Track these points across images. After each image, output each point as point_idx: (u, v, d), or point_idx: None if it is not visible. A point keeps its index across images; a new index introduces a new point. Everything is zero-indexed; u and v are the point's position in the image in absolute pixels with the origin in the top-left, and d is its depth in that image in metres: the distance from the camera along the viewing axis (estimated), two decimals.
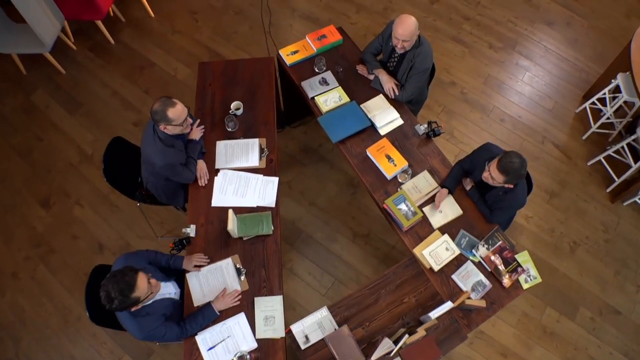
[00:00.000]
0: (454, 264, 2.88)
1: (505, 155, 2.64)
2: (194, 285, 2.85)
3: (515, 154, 2.63)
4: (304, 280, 3.73)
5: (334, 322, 2.77)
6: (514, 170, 2.60)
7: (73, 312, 3.63)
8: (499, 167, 2.63)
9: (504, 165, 2.61)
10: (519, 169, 2.60)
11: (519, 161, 2.60)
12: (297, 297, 3.67)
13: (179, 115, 2.72)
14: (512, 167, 2.59)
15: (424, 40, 3.20)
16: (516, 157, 2.62)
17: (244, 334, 2.75)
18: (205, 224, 3.00)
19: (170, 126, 2.74)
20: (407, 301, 2.84)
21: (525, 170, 2.65)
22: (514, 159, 2.61)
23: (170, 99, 2.71)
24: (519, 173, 2.62)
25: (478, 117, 4.44)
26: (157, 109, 2.68)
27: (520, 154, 2.65)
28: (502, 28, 4.93)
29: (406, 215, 2.94)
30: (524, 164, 2.62)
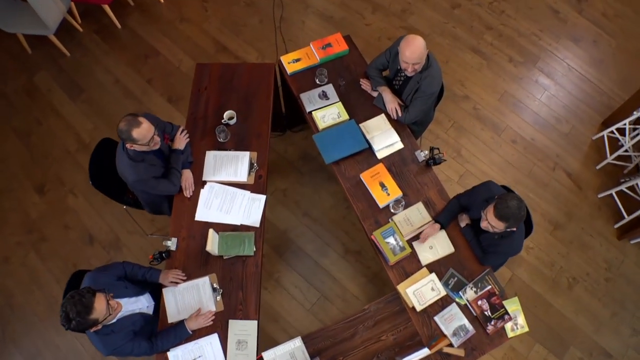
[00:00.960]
0: (439, 304, 2.71)
1: (499, 200, 2.42)
2: (170, 301, 2.76)
3: (510, 197, 2.41)
4: (289, 293, 3.62)
5: (306, 354, 2.66)
6: (512, 215, 2.38)
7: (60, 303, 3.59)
8: (497, 214, 2.41)
9: (501, 211, 2.40)
10: (517, 212, 2.38)
11: (516, 204, 2.38)
12: (281, 310, 3.57)
13: (144, 135, 2.56)
14: (510, 212, 2.37)
15: (433, 61, 2.94)
16: (512, 200, 2.39)
17: (215, 356, 2.66)
18: (187, 238, 2.88)
19: (137, 145, 2.60)
20: (385, 339, 2.70)
21: (525, 211, 2.42)
22: (510, 203, 2.38)
23: (136, 118, 2.55)
24: (518, 216, 2.40)
25: (489, 136, 4.17)
26: (122, 129, 2.54)
27: (516, 196, 2.43)
28: (525, 41, 4.57)
29: (393, 250, 2.77)
30: (521, 205, 2.39)
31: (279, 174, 4.00)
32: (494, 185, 2.73)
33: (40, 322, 3.54)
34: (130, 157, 2.70)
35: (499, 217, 2.40)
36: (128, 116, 2.60)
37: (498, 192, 2.66)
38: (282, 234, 3.79)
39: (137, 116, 2.60)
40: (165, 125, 2.97)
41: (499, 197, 2.45)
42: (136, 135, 2.56)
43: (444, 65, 4.41)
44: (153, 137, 2.63)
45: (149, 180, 2.79)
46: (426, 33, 4.55)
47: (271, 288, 3.62)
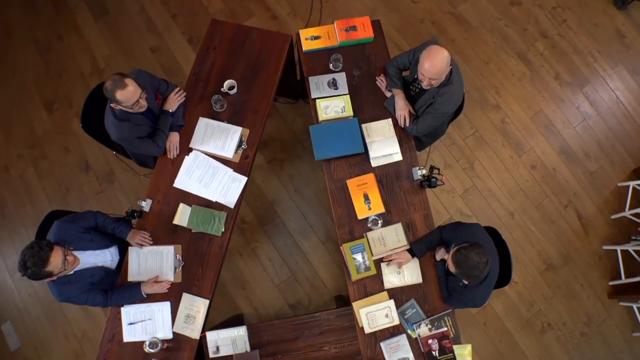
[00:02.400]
0: (389, 331, 2.58)
1: (465, 247, 2.18)
2: (133, 261, 2.73)
3: (478, 252, 2.16)
4: (262, 264, 3.56)
5: (247, 344, 2.62)
6: (465, 268, 2.16)
7: None
8: (453, 258, 2.20)
9: (458, 258, 2.17)
10: (472, 269, 2.15)
11: (476, 261, 2.13)
12: (250, 279, 3.53)
13: (127, 98, 2.41)
14: (465, 263, 2.15)
15: (456, 79, 2.56)
16: (477, 256, 2.14)
17: (163, 322, 2.66)
18: (162, 203, 2.78)
19: (120, 106, 2.43)
20: (327, 350, 2.62)
21: (483, 273, 2.18)
22: (473, 257, 2.14)
23: (122, 79, 2.38)
24: (470, 274, 2.17)
25: (508, 155, 3.78)
26: (107, 88, 2.39)
27: (485, 254, 2.17)
28: (579, 60, 3.99)
29: (358, 268, 2.60)
30: (480, 266, 2.14)
31: (281, 142, 3.79)
32: (478, 231, 2.45)
33: (27, 237, 3.63)
34: (116, 115, 2.56)
35: (454, 261, 2.20)
36: (115, 75, 2.43)
37: (479, 238, 2.39)
38: (268, 205, 3.66)
39: (125, 77, 2.42)
40: (159, 83, 2.77)
41: (471, 244, 2.21)
42: (120, 97, 2.41)
43: (483, 66, 3.93)
44: (138, 100, 2.47)
45: (132, 140, 2.66)
46: (474, 25, 4.02)
47: (246, 255, 3.56)
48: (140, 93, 2.48)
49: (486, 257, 2.18)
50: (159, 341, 2.60)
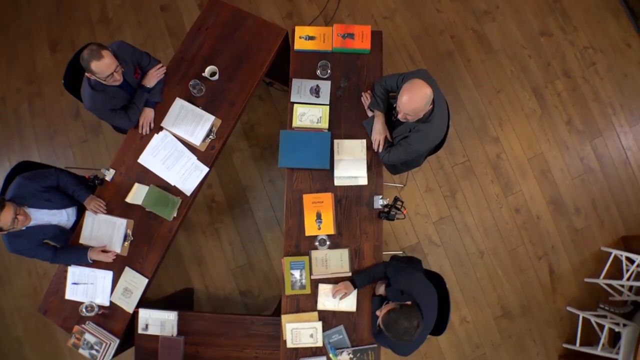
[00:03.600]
0: (312, 350, 2.59)
1: (396, 310, 2.11)
2: (87, 225, 2.78)
3: (409, 316, 2.09)
4: (222, 246, 3.58)
5: (175, 329, 2.67)
6: (395, 332, 2.10)
7: (33, 158, 3.74)
8: (384, 318, 2.14)
9: (388, 320, 2.11)
10: (401, 334, 2.09)
11: (406, 327, 2.07)
12: (208, 258, 3.57)
13: (102, 70, 2.37)
14: (395, 328, 2.09)
15: (436, 118, 2.40)
16: (407, 321, 2.08)
17: (103, 290, 2.75)
18: (123, 176, 2.79)
19: (95, 77, 2.39)
20: (248, 352, 2.66)
21: (413, 337, 2.11)
22: (402, 322, 2.08)
23: (100, 50, 2.34)
24: (399, 338, 2.11)
25: (494, 193, 3.60)
26: (83, 57, 2.37)
27: (416, 317, 2.10)
28: (597, 109, 3.68)
29: (293, 284, 2.58)
30: (410, 331, 2.08)
31: (266, 129, 3.71)
32: (419, 282, 2.34)
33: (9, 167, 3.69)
34: (91, 85, 2.53)
35: (384, 323, 2.14)
36: (93, 45, 2.39)
37: (419, 290, 2.29)
38: (241, 190, 3.63)
39: (102, 48, 2.38)
40: (142, 57, 2.70)
41: (401, 307, 2.14)
42: (94, 67, 2.37)
43: (493, 93, 3.69)
44: (112, 74, 2.43)
45: (104, 111, 2.65)
46: (495, 48, 3.73)
47: (208, 234, 3.59)
48: (116, 66, 2.43)
49: (417, 320, 2.11)
50: (95, 306, 2.70)
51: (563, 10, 3.78)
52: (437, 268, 3.51)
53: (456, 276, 3.52)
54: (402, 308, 2.15)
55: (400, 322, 2.09)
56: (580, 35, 3.77)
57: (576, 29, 3.77)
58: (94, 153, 3.70)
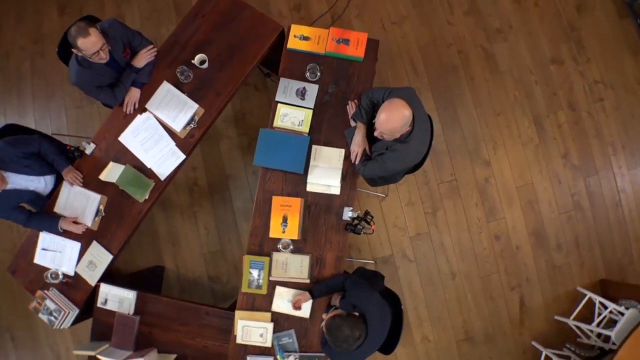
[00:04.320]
0: (259, 349, 2.63)
1: (342, 316, 2.14)
2: (64, 194, 2.84)
3: (353, 326, 2.12)
4: (197, 230, 3.62)
5: (132, 308, 2.73)
6: (334, 337, 2.13)
7: (28, 116, 3.81)
8: (327, 322, 2.17)
9: (331, 325, 2.14)
10: (340, 340, 2.12)
11: (346, 335, 2.10)
12: (182, 239, 3.61)
13: (87, 48, 2.39)
14: (336, 333, 2.12)
15: (414, 139, 2.36)
16: (349, 329, 2.11)
17: (70, 259, 2.82)
18: (103, 152, 2.83)
19: (81, 53, 2.41)
20: (198, 342, 2.72)
21: (351, 347, 2.13)
22: (344, 329, 2.11)
23: (87, 27, 2.36)
24: (338, 344, 2.14)
25: (476, 216, 3.56)
26: (70, 33, 2.39)
27: (360, 329, 2.12)
28: (598, 146, 3.57)
29: (250, 282, 2.62)
30: (350, 340, 2.10)
31: (258, 121, 3.69)
32: (374, 302, 2.32)
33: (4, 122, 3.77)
34: (78, 61, 2.55)
35: (327, 327, 2.17)
36: (81, 22, 2.42)
37: (368, 314, 2.29)
38: (224, 177, 3.65)
39: (90, 26, 2.39)
40: (133, 36, 2.70)
41: (348, 314, 2.15)
42: (80, 44, 2.40)
43: (492, 115, 3.61)
44: (98, 52, 2.44)
45: (90, 88, 2.68)
46: (501, 69, 3.63)
47: (186, 216, 3.62)
48: (102, 45, 2.44)
49: (359, 332, 2.14)
50: (60, 274, 2.78)
51: (579, 39, 3.65)
52: (406, 283, 3.50)
53: (424, 294, 3.51)
54: (348, 316, 2.17)
55: (343, 329, 2.11)
56: (593, 68, 3.64)
57: (589, 61, 3.64)
58: (86, 121, 3.75)
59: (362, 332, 2.16)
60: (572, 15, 3.69)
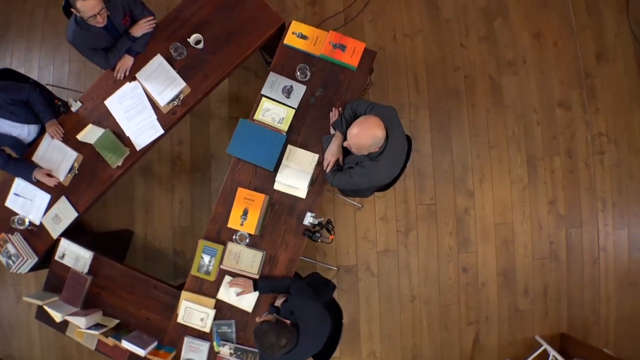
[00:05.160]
0: (198, 332, 2.71)
1: (271, 324, 2.18)
2: (43, 146, 2.94)
3: (281, 335, 2.16)
4: (172, 203, 3.70)
5: (86, 267, 2.83)
6: (259, 342, 2.18)
7: (33, 61, 3.91)
8: (257, 326, 2.22)
9: (258, 329, 2.19)
10: (264, 347, 2.16)
11: (271, 342, 2.13)
12: (156, 208, 3.69)
13: (86, 10, 2.45)
14: (261, 338, 2.16)
15: (384, 160, 2.37)
16: (275, 337, 2.15)
17: (38, 209, 2.92)
18: (87, 112, 2.92)
19: (79, 15, 2.47)
20: (142, 313, 2.81)
21: (275, 354, 2.18)
22: (271, 337, 2.15)
23: None
24: (262, 348, 2.19)
25: (448, 245, 3.56)
26: None
27: (288, 340, 2.17)
28: (588, 199, 3.52)
29: (200, 267, 2.69)
30: (274, 348, 2.14)
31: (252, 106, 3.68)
32: (312, 314, 2.34)
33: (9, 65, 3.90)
34: (77, 21, 2.61)
35: (254, 331, 2.23)
36: None
37: (304, 323, 2.33)
38: (207, 157, 3.70)
39: None
40: (135, 5, 2.75)
41: (277, 323, 2.20)
42: (79, 6, 2.46)
43: (485, 147, 3.58)
44: (96, 15, 2.49)
45: (84, 49, 2.75)
46: (505, 103, 3.59)
47: (164, 187, 3.70)
48: (100, 9, 2.49)
49: (285, 340, 2.17)
50: (27, 221, 2.89)
51: (592, 87, 3.57)
52: (365, 296, 3.54)
53: (380, 310, 3.54)
54: (277, 323, 2.21)
55: (269, 335, 2.16)
56: (600, 120, 3.57)
57: (598, 112, 3.56)
58: (87, 76, 3.83)
59: (290, 340, 2.20)
60: (590, 62, 3.61)
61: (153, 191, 3.70)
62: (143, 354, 2.59)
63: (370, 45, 3.61)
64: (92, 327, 2.70)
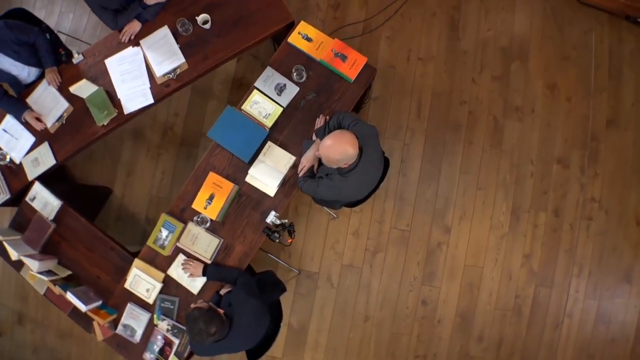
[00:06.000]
0: (141, 302, 2.81)
1: (203, 311, 2.25)
2: (39, 90, 3.07)
3: (211, 323, 2.22)
4: (155, 171, 3.79)
5: (53, 215, 2.95)
6: (188, 326, 2.26)
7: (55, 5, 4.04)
8: (189, 311, 2.30)
9: (189, 315, 2.26)
10: (193, 331, 2.23)
11: (200, 328, 2.20)
12: (138, 173, 3.79)
13: None
14: (190, 323, 2.24)
15: (353, 177, 2.41)
16: (204, 324, 2.21)
17: (21, 149, 3.07)
18: (87, 67, 3.05)
19: None
20: (94, 270, 2.95)
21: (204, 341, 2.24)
22: (200, 323, 2.20)
23: None
24: (189, 331, 2.27)
25: (413, 274, 3.57)
26: None
27: (217, 329, 2.22)
28: (565, 261, 3.50)
29: (157, 240, 2.80)
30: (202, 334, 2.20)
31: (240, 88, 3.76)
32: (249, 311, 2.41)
33: None
34: None
35: (186, 314, 2.31)
36: None
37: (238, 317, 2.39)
38: (198, 134, 3.77)
39: None
40: None
41: (209, 311, 2.27)
42: None
43: (473, 186, 3.58)
44: None
45: (95, 5, 2.85)
46: (504, 147, 3.58)
47: (150, 155, 3.79)
48: None
49: (215, 329, 2.23)
50: (8, 157, 3.03)
51: (595, 151, 3.54)
52: (319, 305, 3.59)
53: (332, 322, 3.58)
54: (209, 311, 2.27)
55: (198, 322, 2.22)
56: (596, 185, 3.53)
57: (595, 177, 3.53)
58: (102, 31, 3.94)
59: (220, 330, 2.26)
60: (599, 125, 3.58)
61: (139, 156, 3.81)
62: (84, 309, 2.70)
63: (382, 61, 3.69)
64: (45, 272, 2.82)
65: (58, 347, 3.72)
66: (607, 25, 3.68)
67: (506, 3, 3.72)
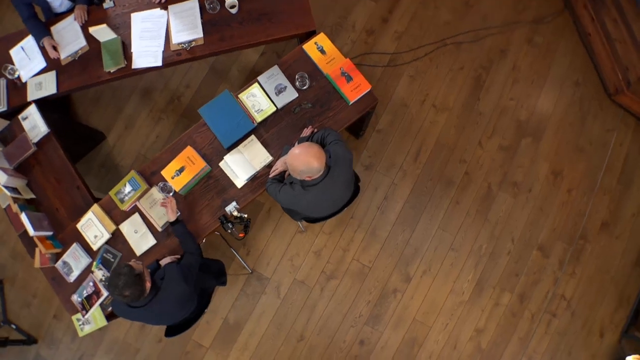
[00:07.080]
0: (86, 245, 2.92)
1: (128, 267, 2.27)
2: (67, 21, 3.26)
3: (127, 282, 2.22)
4: (151, 132, 3.93)
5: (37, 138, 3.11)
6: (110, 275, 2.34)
7: None
8: (119, 265, 2.38)
9: (116, 268, 2.32)
10: (109, 282, 2.27)
11: (115, 283, 2.22)
12: (135, 129, 3.93)
13: None
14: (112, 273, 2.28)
15: (313, 194, 2.49)
16: (122, 283, 2.22)
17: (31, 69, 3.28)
18: (113, 14, 3.24)
19: None
20: (55, 202, 3.09)
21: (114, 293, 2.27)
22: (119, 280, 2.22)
23: None
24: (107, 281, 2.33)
25: (359, 312, 3.59)
26: None
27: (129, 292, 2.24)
28: (515, 347, 3.46)
29: (119, 193, 2.93)
30: (112, 288, 2.25)
31: None
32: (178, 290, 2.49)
33: None
34: None
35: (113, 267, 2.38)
36: None
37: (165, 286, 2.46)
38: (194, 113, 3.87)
39: None
40: None
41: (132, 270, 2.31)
42: None
43: (446, 246, 3.61)
44: None
45: None
46: (489, 218, 3.60)
47: (151, 117, 3.95)
48: None
49: (129, 293, 2.24)
50: (16, 73, 3.24)
51: (580, 250, 3.50)
52: (260, 310, 3.63)
53: (266, 331, 3.62)
54: (137, 276, 2.28)
55: (120, 278, 2.23)
56: (570, 284, 3.49)
57: (572, 277, 3.49)
58: None
59: (135, 296, 2.27)
60: (592, 226, 3.55)
61: (141, 113, 3.98)
62: (32, 233, 2.85)
63: (397, 97, 3.77)
64: (10, 188, 2.99)
65: (8, 265, 3.88)
66: (632, 130, 3.67)
67: (537, 78, 3.76)
